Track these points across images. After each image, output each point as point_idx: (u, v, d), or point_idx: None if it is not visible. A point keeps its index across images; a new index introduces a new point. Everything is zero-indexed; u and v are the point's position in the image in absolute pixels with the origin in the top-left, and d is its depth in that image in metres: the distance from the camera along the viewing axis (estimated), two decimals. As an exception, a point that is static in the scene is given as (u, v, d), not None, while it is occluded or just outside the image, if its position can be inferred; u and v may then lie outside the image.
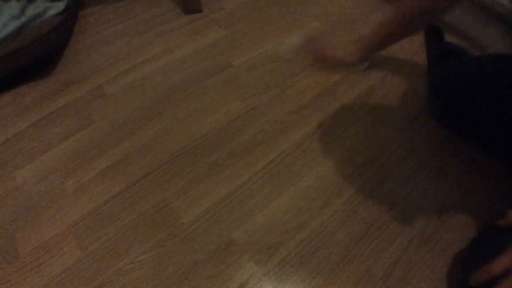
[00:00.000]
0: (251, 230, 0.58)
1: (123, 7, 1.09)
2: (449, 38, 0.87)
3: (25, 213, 0.62)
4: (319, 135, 0.71)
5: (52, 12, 0.89)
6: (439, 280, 0.52)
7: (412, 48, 0.89)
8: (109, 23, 1.03)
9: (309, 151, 0.69)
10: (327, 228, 0.58)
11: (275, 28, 0.98)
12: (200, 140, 0.72)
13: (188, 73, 0.86)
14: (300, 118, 0.75)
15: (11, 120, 0.78)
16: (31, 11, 0.87)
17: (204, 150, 0.70)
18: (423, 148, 0.68)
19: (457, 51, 0.81)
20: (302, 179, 0.65)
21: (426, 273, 0.53)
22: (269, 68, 0.86)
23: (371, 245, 0.56)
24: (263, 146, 0.70)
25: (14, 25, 0.82)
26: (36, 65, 0.87)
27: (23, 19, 0.84)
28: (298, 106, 0.77)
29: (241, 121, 0.75)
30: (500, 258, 0.42)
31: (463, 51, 0.80)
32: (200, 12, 1.05)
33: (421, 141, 0.69)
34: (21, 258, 0.57)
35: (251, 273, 0.54)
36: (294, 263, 0.55)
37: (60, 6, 0.91)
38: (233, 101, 0.79)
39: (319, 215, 0.60)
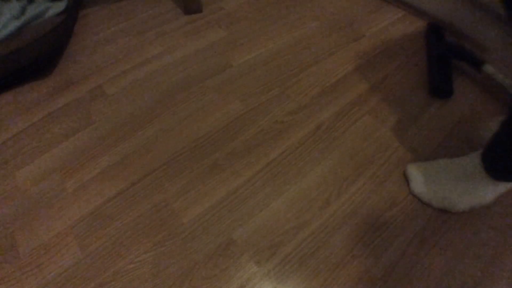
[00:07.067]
0: (251, 230, 0.58)
1: (123, 7, 1.09)
2: (449, 37, 0.87)
3: (25, 213, 0.62)
4: (319, 135, 0.71)
5: (52, 12, 0.89)
6: (439, 280, 0.52)
7: (412, 48, 0.89)
8: (109, 23, 1.03)
9: (309, 151, 0.69)
10: (327, 228, 0.58)
11: (275, 28, 0.98)
12: (200, 140, 0.72)
13: (188, 73, 0.86)
14: (300, 118, 0.75)
15: (11, 120, 0.78)
16: (31, 11, 0.87)
17: (204, 150, 0.70)
18: (423, 148, 0.68)
19: (457, 50, 0.81)
20: (302, 179, 0.65)
21: (426, 273, 0.53)
22: (269, 68, 0.86)
23: (371, 245, 0.56)
24: (263, 146, 0.70)
25: (14, 25, 0.82)
26: (36, 65, 0.87)
27: (23, 19, 0.84)
28: (298, 106, 0.77)
29: (241, 121, 0.75)
30: None
31: (463, 51, 0.80)
32: (200, 12, 1.05)
33: (421, 141, 0.69)
34: (21, 258, 0.57)
35: (251, 273, 0.54)
36: (294, 263, 0.55)
37: (60, 6, 0.91)
38: (233, 101, 0.79)
39: (319, 215, 0.60)
